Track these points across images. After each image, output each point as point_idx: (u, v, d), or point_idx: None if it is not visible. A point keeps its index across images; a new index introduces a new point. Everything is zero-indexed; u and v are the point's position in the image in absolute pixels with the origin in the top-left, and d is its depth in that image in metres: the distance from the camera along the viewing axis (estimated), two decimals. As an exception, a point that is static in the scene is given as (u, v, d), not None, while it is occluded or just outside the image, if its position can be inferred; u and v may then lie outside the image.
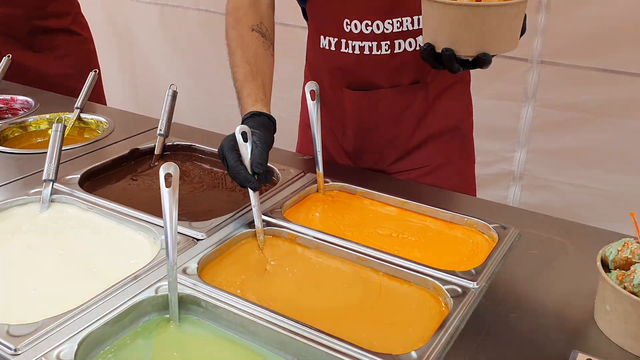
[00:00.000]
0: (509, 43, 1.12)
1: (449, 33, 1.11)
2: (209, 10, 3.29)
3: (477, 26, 1.08)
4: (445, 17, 1.10)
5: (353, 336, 0.91)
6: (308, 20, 1.54)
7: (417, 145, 1.51)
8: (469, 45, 1.10)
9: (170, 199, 0.93)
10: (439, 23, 1.12)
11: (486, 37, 1.09)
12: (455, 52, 1.10)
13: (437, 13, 1.11)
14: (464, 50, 1.11)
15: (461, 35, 1.10)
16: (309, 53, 1.59)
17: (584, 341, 0.93)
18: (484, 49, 1.10)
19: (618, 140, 2.35)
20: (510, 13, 1.08)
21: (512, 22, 1.10)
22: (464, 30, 1.09)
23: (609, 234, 1.19)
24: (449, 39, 1.11)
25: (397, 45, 1.38)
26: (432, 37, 1.14)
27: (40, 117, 1.75)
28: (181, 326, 0.96)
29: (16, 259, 1.09)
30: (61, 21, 2.28)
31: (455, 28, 1.10)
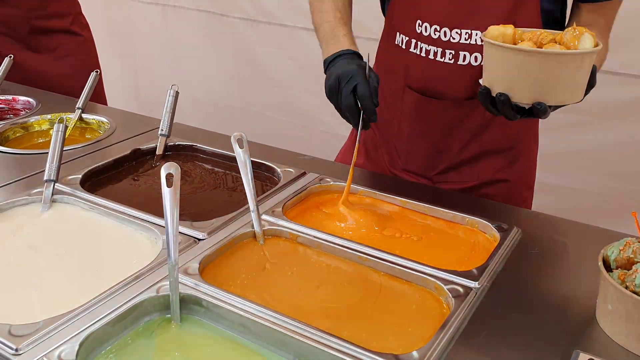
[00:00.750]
0: (570, 95, 1.07)
1: (505, 77, 1.07)
2: (209, 11, 3.29)
3: (535, 73, 1.04)
4: (503, 60, 1.06)
5: (353, 336, 0.91)
6: (385, 16, 1.53)
7: (467, 160, 1.49)
8: (525, 92, 1.06)
9: (172, 199, 0.94)
10: (496, 66, 1.08)
11: (544, 86, 1.04)
12: (510, 97, 1.07)
13: (495, 55, 1.08)
14: (519, 97, 1.07)
15: (517, 81, 1.06)
16: (380, 51, 1.58)
17: (585, 341, 0.92)
18: (541, 98, 1.05)
19: (620, 142, 2.34)
20: (572, 63, 1.03)
21: (574, 73, 1.04)
22: (521, 75, 1.05)
23: (611, 233, 1.19)
24: (505, 84, 1.07)
25: (462, 56, 1.36)
26: (489, 80, 1.11)
27: (41, 118, 1.76)
28: (182, 326, 0.96)
29: (18, 259, 1.09)
30: (61, 22, 2.28)
31: (511, 73, 1.06)
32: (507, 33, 1.09)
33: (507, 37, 1.09)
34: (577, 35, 1.04)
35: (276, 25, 3.08)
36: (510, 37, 1.09)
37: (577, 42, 1.04)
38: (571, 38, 1.05)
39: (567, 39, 1.05)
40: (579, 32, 1.05)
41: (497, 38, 1.08)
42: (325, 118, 3.10)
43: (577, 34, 1.05)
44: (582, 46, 1.04)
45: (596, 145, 2.39)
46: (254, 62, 3.24)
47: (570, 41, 1.04)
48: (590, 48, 1.04)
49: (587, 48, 1.04)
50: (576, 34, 1.05)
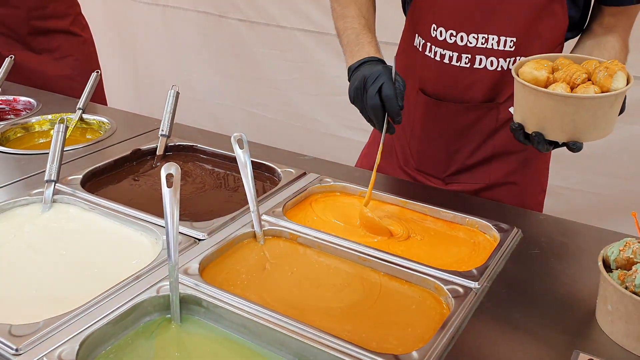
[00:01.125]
0: (602, 131, 1.08)
1: (539, 118, 1.08)
2: (207, 12, 3.29)
3: (569, 116, 1.04)
4: (537, 103, 1.07)
5: (353, 336, 0.91)
6: (406, 17, 1.53)
7: (480, 161, 1.49)
8: (559, 132, 1.07)
9: (172, 199, 0.94)
10: (530, 107, 1.09)
11: (578, 127, 1.05)
12: (544, 136, 1.08)
13: (529, 97, 1.08)
14: (553, 136, 1.08)
15: (552, 123, 1.06)
16: (399, 51, 1.58)
17: (585, 341, 0.92)
18: (575, 137, 1.07)
19: (620, 142, 2.34)
20: (605, 104, 1.04)
21: (608, 111, 1.05)
22: (555, 117, 1.06)
23: (610, 233, 1.20)
24: (539, 124, 1.08)
25: (478, 60, 1.35)
26: (522, 117, 1.11)
27: (42, 118, 1.76)
28: (182, 326, 0.96)
29: (18, 259, 1.10)
30: (61, 22, 2.28)
31: (546, 115, 1.06)
32: (541, 78, 1.08)
33: (540, 83, 1.08)
34: (609, 73, 1.04)
35: (274, 26, 3.08)
36: (543, 82, 1.08)
37: (610, 81, 1.03)
38: (604, 78, 1.04)
39: (600, 78, 1.04)
40: (611, 70, 1.04)
41: (530, 81, 1.08)
42: (324, 119, 3.10)
43: (610, 72, 1.04)
44: (616, 86, 1.03)
45: (596, 146, 2.38)
46: (253, 64, 3.25)
47: (604, 80, 1.04)
48: (624, 87, 1.04)
49: (621, 87, 1.04)
50: (609, 73, 1.04)
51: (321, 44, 2.95)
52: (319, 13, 2.91)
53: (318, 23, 2.92)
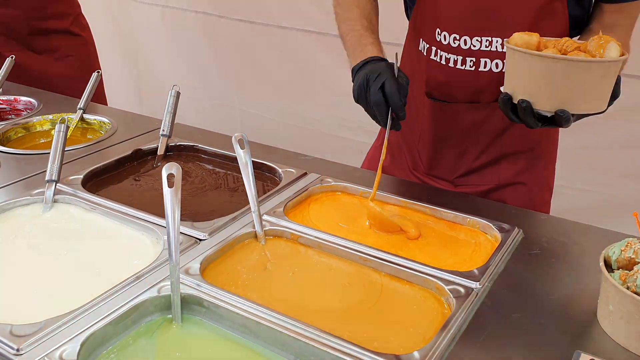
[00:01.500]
0: (593, 104, 1.05)
1: (527, 84, 1.06)
2: (206, 12, 3.29)
3: (558, 80, 1.02)
4: (526, 66, 1.05)
5: (355, 336, 0.91)
6: (410, 21, 1.53)
7: (489, 162, 1.49)
8: (547, 99, 1.05)
9: (173, 199, 0.94)
10: (519, 73, 1.07)
11: (567, 93, 1.03)
12: (532, 105, 1.06)
13: (518, 62, 1.07)
14: (541, 104, 1.06)
15: (540, 88, 1.05)
16: (404, 55, 1.58)
17: (587, 341, 0.92)
18: (563, 105, 1.04)
19: (622, 142, 2.34)
20: (597, 71, 1.01)
21: (599, 81, 1.03)
22: (544, 83, 1.04)
23: (612, 234, 1.19)
24: (527, 91, 1.06)
25: (483, 63, 1.35)
26: (511, 86, 1.10)
27: (43, 118, 1.76)
28: (183, 326, 0.96)
29: (19, 259, 1.10)
30: (61, 22, 2.28)
31: (535, 79, 1.05)
32: (532, 42, 1.07)
33: (531, 46, 1.07)
34: (602, 44, 1.03)
35: (274, 27, 3.08)
36: (534, 45, 1.07)
37: (602, 50, 1.02)
38: (596, 47, 1.03)
39: (592, 47, 1.03)
40: (605, 40, 1.03)
41: (521, 46, 1.07)
42: (324, 120, 3.10)
43: (603, 43, 1.03)
44: (608, 55, 1.02)
45: (599, 145, 2.39)
46: (253, 64, 3.25)
47: (596, 50, 1.03)
48: (616, 57, 1.02)
49: (613, 57, 1.02)
50: (602, 43, 1.03)
51: (322, 44, 2.95)
52: (320, 13, 2.91)
53: (318, 24, 2.92)
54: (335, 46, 3.00)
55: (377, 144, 1.72)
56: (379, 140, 1.72)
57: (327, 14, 3.02)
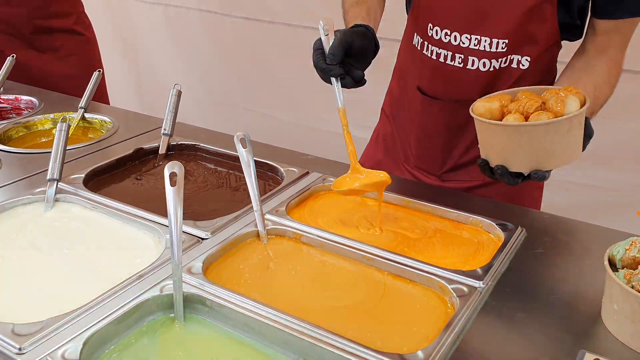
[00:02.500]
0: (566, 156, 1.07)
1: (499, 151, 1.08)
2: (210, 10, 3.29)
3: (526, 145, 1.04)
4: (494, 136, 1.07)
5: (358, 335, 0.90)
6: (408, 16, 1.54)
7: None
8: (520, 162, 1.06)
9: (175, 198, 0.93)
10: (488, 141, 1.09)
11: (539, 155, 1.05)
12: (508, 168, 1.08)
13: (486, 131, 1.09)
14: (516, 167, 1.07)
15: (511, 153, 1.06)
16: (400, 49, 1.61)
17: (591, 341, 0.92)
18: (538, 166, 1.06)
19: (623, 139, 2.33)
20: (561, 129, 1.02)
21: (566, 136, 1.04)
22: (514, 148, 1.05)
23: (615, 233, 1.19)
24: (500, 156, 1.08)
25: (471, 61, 1.36)
26: (485, 152, 1.12)
27: (44, 117, 1.75)
28: (186, 325, 0.96)
29: (21, 258, 1.09)
30: (64, 21, 2.28)
31: (505, 147, 1.06)
32: (494, 108, 1.09)
33: (494, 112, 1.08)
34: (561, 98, 1.03)
35: (280, 24, 3.08)
36: (497, 111, 1.08)
37: (562, 106, 1.03)
38: (556, 103, 1.03)
39: (552, 104, 1.04)
40: (564, 94, 1.04)
41: (484, 114, 1.08)
42: (330, 117, 3.09)
43: (562, 97, 1.03)
44: (569, 110, 1.02)
45: (600, 141, 2.38)
46: (258, 62, 3.24)
47: (556, 106, 1.03)
48: (577, 110, 1.03)
49: (573, 111, 1.02)
50: (561, 97, 1.03)
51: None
52: (325, 10, 2.90)
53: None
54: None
55: (371, 144, 1.73)
56: (373, 140, 1.73)
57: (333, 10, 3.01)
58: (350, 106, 1.28)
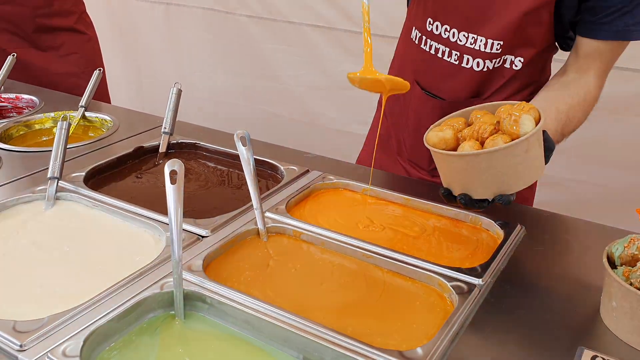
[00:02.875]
0: (529, 176, 1.04)
1: (459, 180, 1.05)
2: (213, 8, 3.29)
3: (485, 171, 1.01)
4: (452, 165, 1.05)
5: (357, 332, 0.91)
6: (407, 10, 1.56)
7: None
8: (482, 189, 1.04)
9: (176, 196, 0.93)
10: (448, 171, 1.07)
11: (499, 180, 1.02)
12: (471, 196, 1.05)
13: (443, 162, 1.06)
14: (478, 194, 1.05)
15: (472, 181, 1.04)
16: (399, 42, 1.62)
17: (590, 338, 0.92)
18: (501, 190, 1.03)
19: (623, 135, 2.34)
20: (519, 150, 0.99)
21: (526, 157, 1.01)
22: (474, 176, 1.03)
23: (614, 230, 1.19)
24: (461, 186, 1.06)
25: (466, 60, 1.37)
26: (447, 182, 1.09)
27: (45, 116, 1.76)
28: (186, 322, 0.96)
29: (22, 256, 1.10)
30: (66, 20, 2.28)
31: (464, 175, 1.04)
32: (447, 137, 1.05)
33: (448, 142, 1.05)
34: (515, 118, 1.00)
35: (282, 22, 3.09)
36: (451, 139, 1.05)
37: (517, 127, 0.99)
38: (510, 125, 1.00)
39: (507, 126, 1.00)
40: (517, 114, 1.00)
41: (438, 144, 1.05)
42: (332, 114, 3.11)
43: (516, 117, 1.00)
44: (524, 130, 0.99)
45: (600, 138, 2.39)
46: (260, 60, 3.25)
47: (511, 128, 1.00)
48: (532, 129, 0.99)
49: (529, 130, 0.99)
50: (514, 118, 1.00)
51: (329, 39, 2.96)
52: (327, 8, 2.91)
53: (326, 18, 2.93)
54: (343, 41, 3.00)
55: (369, 140, 1.74)
56: (369, 138, 1.73)
57: (336, 8, 3.01)
58: (365, 105, 1.28)
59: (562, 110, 1.21)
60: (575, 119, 1.26)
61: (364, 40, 1.15)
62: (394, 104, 1.61)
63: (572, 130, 1.27)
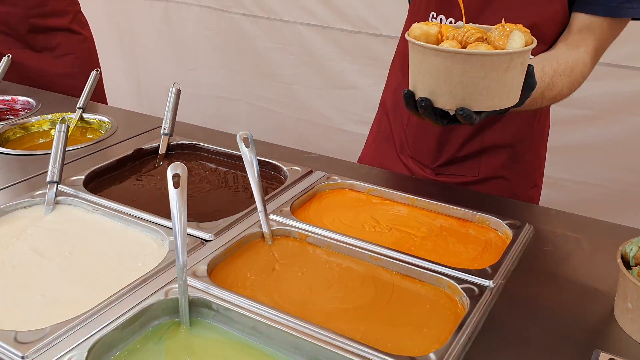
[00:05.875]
0: (498, 99, 0.94)
1: (428, 81, 0.95)
2: (210, 7, 3.27)
3: (457, 76, 0.91)
4: (424, 61, 0.95)
5: (367, 337, 0.89)
6: (409, 7, 1.53)
7: (469, 155, 1.48)
8: (447, 97, 0.94)
9: (179, 200, 0.91)
10: (418, 68, 0.97)
11: (468, 90, 0.92)
12: (433, 103, 0.96)
13: (416, 56, 0.96)
14: (441, 102, 0.95)
15: (439, 85, 0.94)
16: (400, 40, 1.59)
17: (605, 340, 0.91)
18: (464, 103, 0.93)
19: (624, 135, 2.32)
20: (498, 65, 0.91)
21: (502, 75, 0.92)
22: (443, 79, 0.93)
23: (624, 229, 1.18)
24: (427, 88, 0.96)
25: None
26: (413, 82, 0.99)
27: (42, 118, 1.73)
28: (192, 330, 0.94)
29: (22, 263, 1.07)
30: (61, 20, 2.25)
31: (433, 75, 0.94)
32: (431, 32, 0.97)
33: (430, 37, 0.96)
34: (506, 33, 0.93)
35: (278, 21, 3.07)
36: (433, 36, 0.97)
37: (505, 41, 0.93)
38: (499, 37, 0.93)
39: (495, 37, 0.94)
40: (509, 29, 0.94)
41: (419, 37, 0.96)
42: (329, 113, 3.09)
43: (507, 32, 0.93)
44: (511, 45, 0.92)
45: (601, 139, 2.37)
46: (257, 58, 3.23)
47: (498, 40, 0.93)
48: (520, 47, 0.93)
49: (516, 47, 0.92)
50: (505, 32, 0.93)
51: (325, 38, 2.94)
52: (323, 7, 2.89)
53: (321, 17, 2.91)
54: (340, 39, 2.98)
55: (371, 140, 1.71)
56: (373, 137, 1.71)
57: (331, 8, 2.99)
58: (360, 103, 1.26)
59: (547, 72, 1.17)
60: (559, 87, 1.21)
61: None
62: (396, 100, 1.59)
63: (553, 97, 1.22)
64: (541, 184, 1.59)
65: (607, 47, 1.33)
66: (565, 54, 1.25)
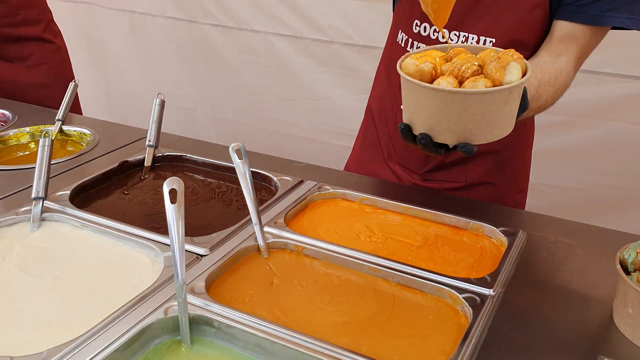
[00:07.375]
0: (497, 131, 0.95)
1: (426, 117, 0.95)
2: (175, 17, 3.22)
3: (457, 114, 0.91)
4: (421, 98, 0.94)
5: (373, 351, 0.89)
6: (393, 14, 1.53)
7: (456, 161, 1.48)
8: (447, 132, 0.94)
9: (177, 216, 0.89)
10: (415, 104, 0.96)
11: (468, 126, 0.92)
12: (432, 138, 0.95)
13: (413, 92, 0.95)
14: (442, 137, 0.95)
15: (438, 121, 0.93)
16: (385, 47, 1.58)
17: (607, 345, 0.92)
18: (465, 138, 0.93)
19: (601, 140, 2.36)
20: (498, 99, 0.91)
21: (502, 108, 0.92)
22: (443, 117, 0.92)
23: (616, 233, 1.20)
24: (426, 124, 0.95)
25: None
26: (409, 117, 0.98)
27: (20, 131, 1.68)
28: (193, 348, 0.92)
29: (10, 284, 1.03)
30: (33, 29, 2.19)
31: (432, 113, 0.93)
32: (425, 70, 0.96)
33: (425, 75, 0.95)
34: (502, 65, 0.92)
35: (248, 31, 3.04)
36: (428, 74, 0.96)
37: (502, 72, 0.92)
38: (495, 69, 0.92)
39: (492, 69, 0.93)
40: (504, 60, 0.93)
41: (413, 75, 0.95)
42: (300, 124, 3.07)
43: (503, 64, 0.92)
44: (509, 78, 0.91)
45: (577, 144, 2.41)
46: (226, 69, 3.19)
47: (495, 72, 0.92)
48: (518, 80, 0.91)
49: (514, 80, 0.91)
50: (501, 64, 0.92)
51: (296, 48, 2.92)
52: (293, 17, 2.87)
53: (292, 27, 2.89)
54: (311, 49, 2.96)
55: (357, 148, 1.71)
56: (359, 145, 1.71)
57: (302, 18, 2.98)
58: (333, 113, 1.25)
59: (532, 83, 1.17)
60: (543, 97, 1.22)
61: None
62: (382, 106, 1.59)
63: (538, 107, 1.23)
64: (527, 189, 1.60)
65: (589, 55, 1.35)
66: (548, 64, 1.26)
